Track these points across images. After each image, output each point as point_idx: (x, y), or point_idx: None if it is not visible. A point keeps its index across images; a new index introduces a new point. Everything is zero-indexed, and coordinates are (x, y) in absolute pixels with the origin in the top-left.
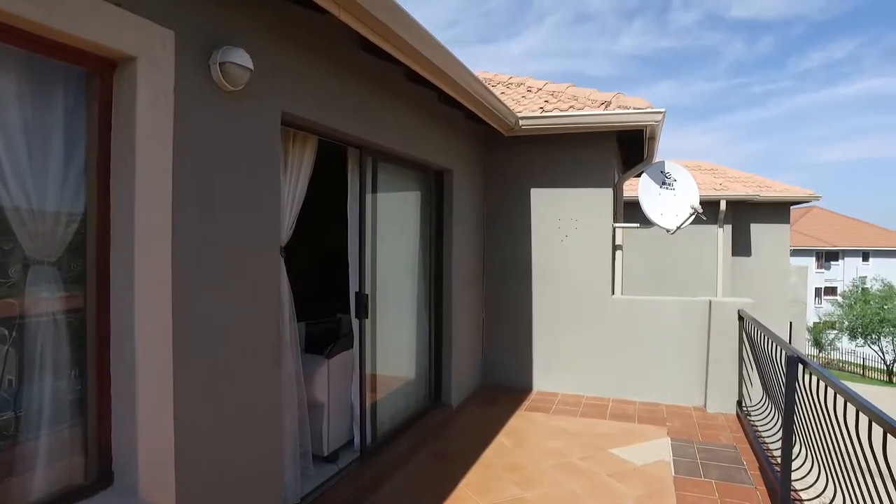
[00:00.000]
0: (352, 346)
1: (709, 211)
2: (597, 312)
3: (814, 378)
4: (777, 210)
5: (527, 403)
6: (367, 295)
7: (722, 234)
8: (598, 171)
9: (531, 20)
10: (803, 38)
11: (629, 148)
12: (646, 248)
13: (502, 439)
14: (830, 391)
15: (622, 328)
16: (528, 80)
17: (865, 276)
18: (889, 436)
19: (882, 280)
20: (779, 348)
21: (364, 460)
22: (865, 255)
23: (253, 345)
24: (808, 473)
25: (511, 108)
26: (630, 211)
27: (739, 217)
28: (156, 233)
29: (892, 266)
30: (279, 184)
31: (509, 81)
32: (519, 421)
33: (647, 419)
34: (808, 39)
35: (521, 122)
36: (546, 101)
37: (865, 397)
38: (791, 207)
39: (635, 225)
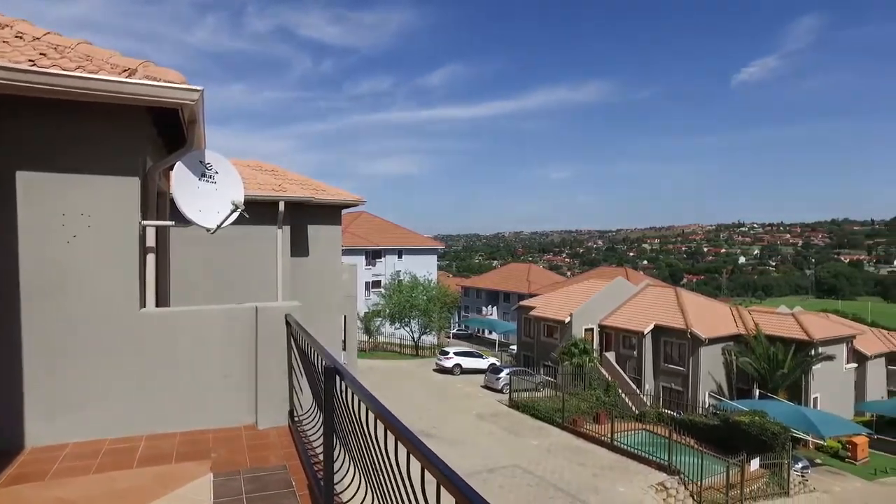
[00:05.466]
0: None
1: (269, 212)
2: (122, 331)
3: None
4: (331, 213)
5: (10, 471)
6: None
7: (281, 236)
8: (121, 155)
9: None
10: (357, 67)
11: (176, 136)
12: (210, 252)
13: None
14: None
15: (158, 347)
16: (19, 22)
17: (400, 271)
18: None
19: (410, 273)
20: (319, 357)
21: None
22: (400, 253)
23: None
24: (352, 481)
25: None
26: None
27: (298, 219)
28: None
29: (418, 262)
30: None
31: None
32: None
33: (189, 454)
34: (360, 70)
35: None
36: (43, 55)
37: (399, 370)
38: (343, 211)
39: (171, 223)
